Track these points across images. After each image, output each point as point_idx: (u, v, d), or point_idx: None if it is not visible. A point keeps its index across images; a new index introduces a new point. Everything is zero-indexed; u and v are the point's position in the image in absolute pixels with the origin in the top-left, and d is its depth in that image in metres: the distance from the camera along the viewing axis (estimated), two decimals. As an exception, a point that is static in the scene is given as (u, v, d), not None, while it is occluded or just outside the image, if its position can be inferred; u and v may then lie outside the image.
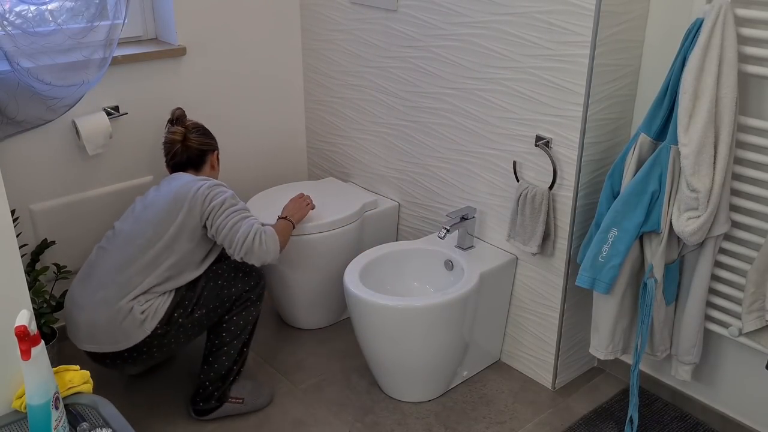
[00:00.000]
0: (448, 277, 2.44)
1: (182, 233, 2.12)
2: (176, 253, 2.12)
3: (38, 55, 2.19)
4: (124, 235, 2.16)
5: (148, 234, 2.12)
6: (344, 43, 2.79)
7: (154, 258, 2.10)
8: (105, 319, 2.06)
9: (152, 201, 2.20)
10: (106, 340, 2.07)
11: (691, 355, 2.10)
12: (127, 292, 2.07)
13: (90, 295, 2.11)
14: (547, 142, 2.16)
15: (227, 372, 2.23)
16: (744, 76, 1.88)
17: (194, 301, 2.14)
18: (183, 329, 2.13)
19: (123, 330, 2.05)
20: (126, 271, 2.09)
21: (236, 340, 2.22)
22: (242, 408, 2.30)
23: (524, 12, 2.10)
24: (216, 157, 2.40)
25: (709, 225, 1.87)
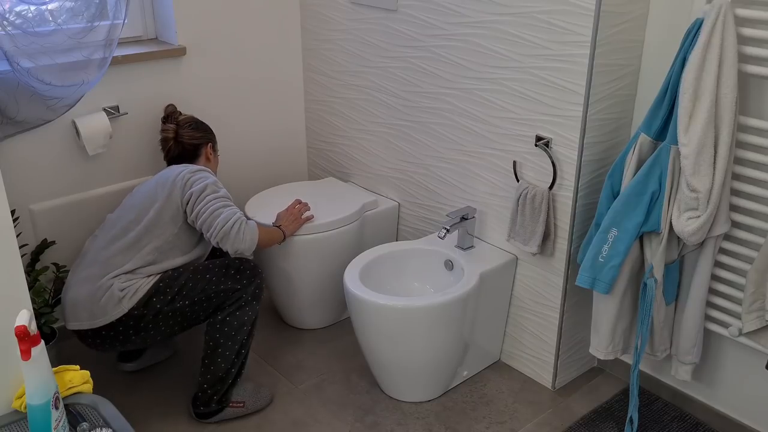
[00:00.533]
0: (448, 277, 2.44)
1: (162, 216, 2.16)
2: (158, 237, 2.15)
3: (38, 55, 2.19)
4: (111, 221, 2.24)
5: (131, 216, 2.18)
6: (344, 43, 2.79)
7: (135, 240, 2.13)
8: (85, 295, 2.09)
9: (139, 190, 2.28)
10: (85, 316, 2.09)
11: (691, 355, 2.10)
12: (109, 270, 2.10)
13: (77, 275, 2.15)
14: (547, 142, 2.16)
15: (225, 374, 2.21)
16: (744, 76, 1.88)
17: (176, 289, 2.13)
18: (162, 317, 2.12)
19: (101, 306, 2.07)
20: (109, 249, 2.14)
21: (231, 341, 2.19)
22: (244, 412, 2.29)
23: (524, 12, 2.10)
24: (210, 148, 2.42)
25: (709, 225, 1.87)
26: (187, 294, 2.14)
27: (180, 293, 2.13)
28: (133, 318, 2.09)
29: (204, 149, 2.40)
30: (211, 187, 2.18)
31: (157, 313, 2.11)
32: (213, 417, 2.26)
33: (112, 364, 2.53)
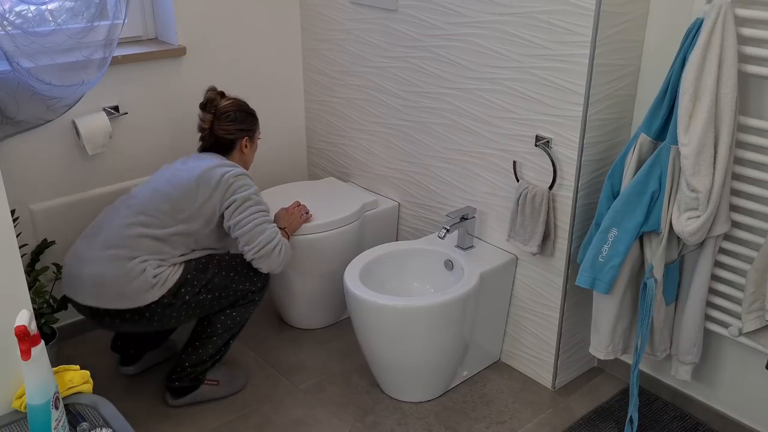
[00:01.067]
0: (448, 277, 2.44)
1: (200, 215, 2.15)
2: (192, 233, 2.16)
3: (38, 55, 2.19)
4: (139, 201, 2.17)
5: (165, 208, 2.14)
6: (344, 43, 2.79)
7: (169, 233, 2.12)
8: (114, 276, 2.06)
9: (175, 175, 2.21)
10: (112, 297, 2.07)
11: (691, 355, 2.10)
12: (138, 254, 2.08)
13: (98, 251, 2.10)
14: (547, 142, 2.16)
15: (209, 358, 2.28)
16: (744, 76, 1.88)
17: (203, 283, 2.15)
18: (186, 307, 2.14)
19: (132, 289, 2.06)
20: (136, 229, 2.10)
21: (227, 332, 2.26)
22: (218, 391, 2.33)
23: (524, 12, 2.10)
24: (247, 141, 2.34)
25: (709, 225, 1.87)
26: (212, 288, 2.16)
27: (206, 287, 2.15)
28: (161, 305, 2.10)
29: (239, 143, 2.32)
30: (254, 198, 2.18)
31: (183, 303, 2.13)
32: (187, 396, 2.29)
33: (113, 365, 2.53)
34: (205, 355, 2.26)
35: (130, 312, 2.09)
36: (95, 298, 2.09)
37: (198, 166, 2.20)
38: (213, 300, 2.18)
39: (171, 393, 2.31)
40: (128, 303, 2.07)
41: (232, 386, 2.37)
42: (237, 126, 2.30)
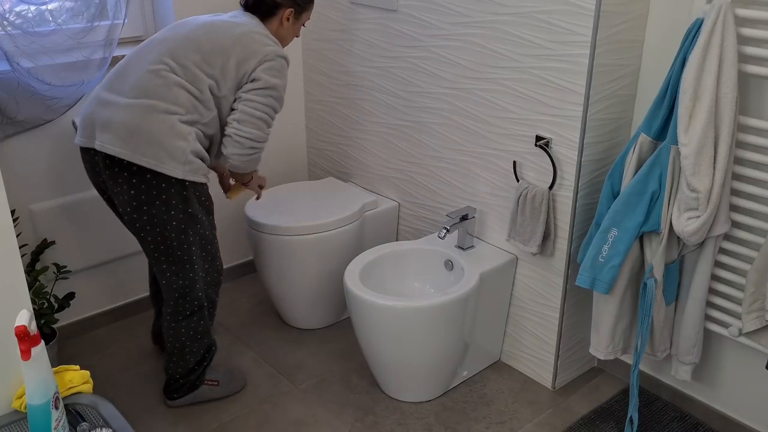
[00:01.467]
0: (448, 277, 2.44)
1: (226, 77, 2.04)
2: (218, 96, 2.05)
3: (38, 55, 2.19)
4: (167, 44, 2.03)
5: (195, 58, 2.01)
6: (344, 43, 2.79)
7: (200, 89, 2.01)
8: (150, 127, 1.92)
9: (211, 24, 2.07)
10: (144, 147, 1.92)
11: (691, 355, 2.10)
12: (178, 111, 1.96)
13: (128, 98, 1.96)
14: (547, 142, 2.16)
15: (196, 365, 2.26)
16: (744, 76, 1.88)
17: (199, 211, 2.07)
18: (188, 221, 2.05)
19: (168, 151, 1.93)
20: (173, 83, 1.97)
21: (197, 342, 2.22)
22: (218, 391, 2.33)
23: (524, 12, 2.10)
24: (292, 15, 2.21)
25: (709, 225, 1.87)
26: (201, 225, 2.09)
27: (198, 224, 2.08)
28: (175, 186, 1.98)
29: (282, 12, 2.18)
30: (277, 93, 2.09)
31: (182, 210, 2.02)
32: (186, 396, 2.28)
33: (113, 365, 2.53)
34: (191, 364, 2.24)
35: (150, 174, 1.94)
36: (124, 145, 1.91)
37: (240, 28, 2.08)
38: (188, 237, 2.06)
39: (169, 399, 2.30)
40: (160, 163, 1.93)
41: (232, 386, 2.37)
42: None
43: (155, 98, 1.95)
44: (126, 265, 2.75)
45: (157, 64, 1.99)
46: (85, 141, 2.01)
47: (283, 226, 2.51)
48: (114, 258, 2.69)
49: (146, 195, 1.98)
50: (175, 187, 1.99)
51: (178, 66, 2.00)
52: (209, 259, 2.17)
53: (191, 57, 2.01)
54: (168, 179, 1.97)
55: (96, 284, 2.69)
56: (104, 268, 2.70)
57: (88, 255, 2.62)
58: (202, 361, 2.27)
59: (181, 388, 2.28)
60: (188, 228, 2.06)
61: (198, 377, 2.29)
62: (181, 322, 2.18)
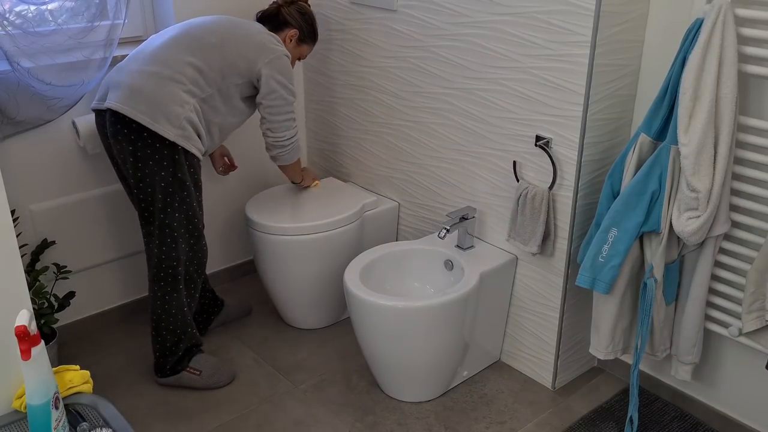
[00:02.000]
0: (448, 277, 2.44)
1: (233, 70, 2.23)
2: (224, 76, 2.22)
3: (38, 55, 2.19)
4: (187, 27, 2.25)
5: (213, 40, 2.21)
6: (344, 43, 2.79)
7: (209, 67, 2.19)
8: (151, 89, 2.10)
9: (231, 20, 2.32)
10: (142, 106, 2.09)
11: (691, 355, 2.10)
12: (181, 81, 2.14)
13: (140, 65, 2.15)
14: (547, 142, 2.16)
15: (173, 345, 2.33)
16: (744, 76, 1.88)
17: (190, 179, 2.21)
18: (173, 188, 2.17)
19: (165, 113, 2.10)
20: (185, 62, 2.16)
21: (172, 318, 2.30)
22: (198, 380, 2.38)
23: (524, 12, 2.10)
24: (296, 38, 2.49)
25: (709, 225, 1.87)
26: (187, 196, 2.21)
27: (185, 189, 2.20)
28: (167, 148, 2.13)
29: (288, 31, 2.47)
30: (290, 88, 2.33)
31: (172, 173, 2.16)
32: (170, 377, 2.38)
33: (113, 365, 2.53)
34: (168, 343, 2.32)
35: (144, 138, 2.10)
36: (127, 102, 2.10)
37: (253, 28, 2.31)
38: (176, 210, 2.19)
39: (157, 373, 2.40)
40: (155, 122, 2.09)
41: (213, 380, 2.40)
42: (300, 20, 2.48)
43: (163, 66, 2.14)
44: (126, 265, 2.75)
45: (171, 41, 2.20)
46: (98, 103, 2.20)
47: (283, 226, 2.51)
48: (114, 258, 2.70)
49: (142, 152, 2.12)
50: (168, 149, 2.13)
51: (191, 45, 2.19)
52: (195, 235, 2.27)
53: (208, 39, 2.22)
54: (162, 140, 2.12)
55: (96, 284, 2.69)
56: (104, 268, 2.70)
57: (88, 255, 2.62)
58: (177, 344, 2.33)
59: (164, 370, 2.37)
60: (175, 193, 2.18)
61: (178, 362, 2.36)
62: (156, 292, 2.28)
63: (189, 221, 2.24)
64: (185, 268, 2.29)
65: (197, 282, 2.35)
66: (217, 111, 2.26)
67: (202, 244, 2.31)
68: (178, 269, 2.26)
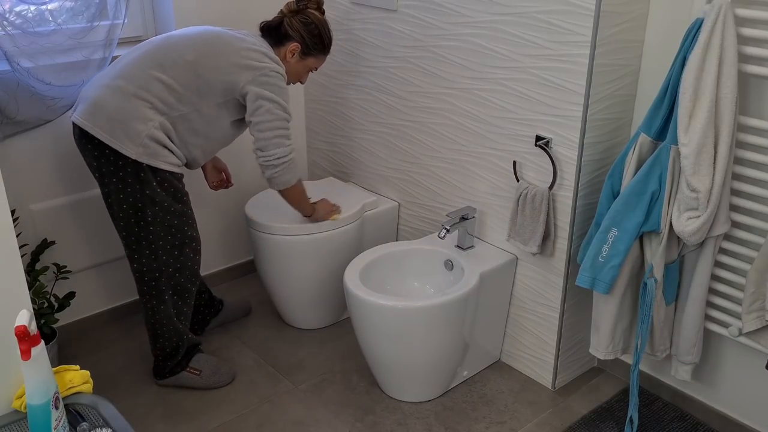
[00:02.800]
0: (448, 277, 2.44)
1: (210, 89, 2.12)
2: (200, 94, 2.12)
3: (38, 55, 2.19)
4: (167, 40, 2.15)
5: (188, 58, 2.10)
6: (344, 43, 2.79)
7: (180, 85, 2.09)
8: (114, 104, 2.04)
9: (216, 33, 2.18)
10: (103, 123, 2.04)
11: (691, 355, 2.10)
12: (145, 96, 2.05)
13: (108, 79, 2.09)
14: (547, 142, 2.16)
15: (173, 351, 2.33)
16: (744, 76, 1.88)
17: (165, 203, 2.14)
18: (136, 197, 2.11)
19: (125, 128, 2.04)
20: (151, 77, 2.07)
21: (171, 324, 2.29)
22: (198, 380, 2.38)
23: (524, 12, 2.10)
24: (298, 51, 2.30)
25: (709, 225, 1.87)
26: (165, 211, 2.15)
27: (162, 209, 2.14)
28: (130, 166, 2.06)
29: (289, 44, 2.27)
30: (281, 104, 2.18)
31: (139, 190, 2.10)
32: (169, 378, 2.38)
33: (113, 365, 2.53)
34: (167, 349, 2.32)
35: (106, 155, 2.06)
36: (88, 117, 2.05)
37: (246, 42, 2.17)
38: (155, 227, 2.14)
39: (156, 376, 2.40)
40: (114, 140, 2.03)
41: (213, 380, 2.40)
42: (302, 31, 2.28)
43: (129, 81, 2.07)
44: (126, 265, 2.74)
45: (145, 55, 2.11)
46: (72, 116, 2.14)
47: (283, 226, 2.51)
48: (114, 258, 2.70)
49: (105, 168, 2.10)
50: (131, 167, 2.07)
51: (163, 61, 2.09)
52: (177, 245, 2.21)
53: (184, 56, 2.11)
54: (124, 158, 2.06)
55: (96, 284, 2.69)
56: (104, 268, 2.70)
57: (88, 255, 2.62)
58: (177, 349, 2.33)
59: (163, 370, 2.37)
60: (146, 208, 2.12)
61: (177, 365, 2.36)
62: (145, 304, 2.29)
63: (167, 233, 2.18)
64: (172, 279, 2.25)
65: (190, 290, 2.31)
66: (195, 132, 2.17)
67: (188, 252, 2.24)
68: (161, 281, 2.22)
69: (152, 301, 2.26)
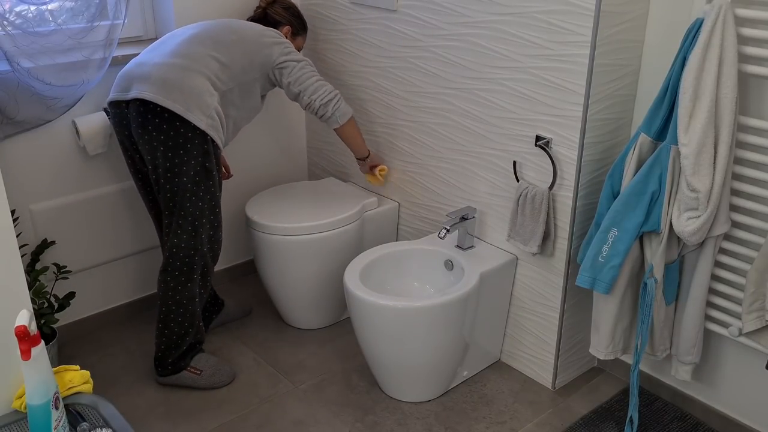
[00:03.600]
0: (448, 277, 2.44)
1: (253, 65, 2.31)
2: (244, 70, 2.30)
3: (38, 55, 2.19)
4: (205, 26, 2.32)
5: (232, 38, 2.29)
6: (344, 43, 2.79)
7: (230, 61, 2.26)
8: (180, 79, 2.15)
9: (239, 21, 2.40)
10: (176, 93, 2.13)
11: (691, 355, 2.10)
12: (205, 73, 2.20)
13: (165, 57, 2.20)
14: (547, 142, 2.16)
15: (179, 338, 2.33)
16: (744, 76, 1.88)
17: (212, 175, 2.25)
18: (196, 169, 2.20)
19: (197, 102, 2.15)
20: (206, 54, 2.23)
21: (183, 308, 2.30)
22: (198, 380, 2.38)
23: (524, 12, 2.10)
24: (290, 33, 2.55)
25: (709, 225, 1.87)
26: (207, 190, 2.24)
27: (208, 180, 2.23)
28: (198, 137, 2.17)
29: (282, 29, 2.53)
30: (304, 63, 2.39)
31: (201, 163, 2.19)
32: (169, 377, 2.38)
33: (113, 365, 2.53)
34: (174, 335, 2.32)
35: (176, 127, 2.13)
36: (160, 92, 2.12)
37: (258, 27, 2.38)
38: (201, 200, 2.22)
39: (157, 370, 2.40)
40: (189, 111, 2.13)
41: (213, 380, 2.40)
42: (287, 15, 2.56)
43: (189, 60, 2.20)
44: (126, 264, 2.75)
45: (194, 37, 2.26)
46: (120, 95, 2.20)
47: (283, 226, 2.51)
48: (114, 258, 2.70)
49: (173, 141, 2.15)
50: (199, 138, 2.17)
51: (213, 41, 2.26)
52: (215, 225, 2.30)
53: (227, 36, 2.29)
54: (193, 129, 2.15)
55: (96, 284, 2.70)
56: (104, 268, 2.70)
57: (88, 255, 2.62)
58: (184, 337, 2.32)
59: (166, 366, 2.37)
60: (201, 182, 2.21)
61: (180, 358, 2.36)
62: (169, 282, 2.28)
63: (211, 211, 2.27)
64: (203, 259, 2.30)
65: (212, 272, 2.38)
66: (234, 105, 2.31)
67: (219, 235, 2.34)
68: (195, 259, 2.27)
69: (181, 278, 2.27)
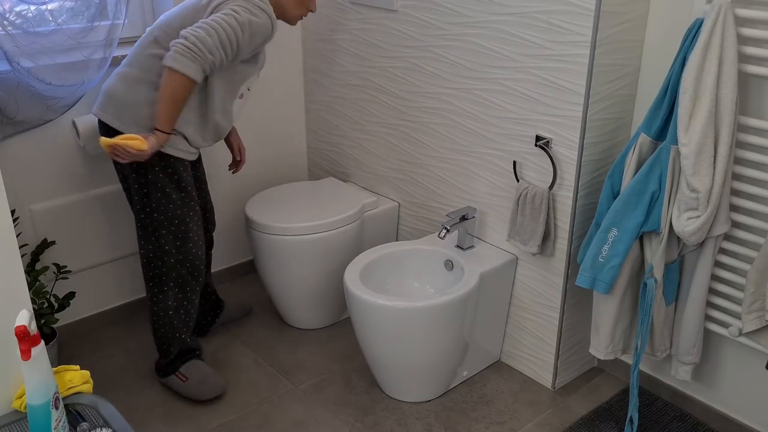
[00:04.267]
0: (448, 277, 2.44)
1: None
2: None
3: (38, 55, 2.19)
4: (152, 28, 2.16)
5: (175, 25, 2.08)
6: (344, 43, 2.79)
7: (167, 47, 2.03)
8: (122, 91, 2.10)
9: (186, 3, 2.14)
10: (111, 111, 2.11)
11: (691, 355, 2.10)
12: (148, 77, 2.08)
13: (121, 67, 2.16)
14: (547, 142, 2.16)
15: (166, 345, 2.33)
16: (744, 76, 1.88)
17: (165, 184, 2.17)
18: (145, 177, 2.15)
19: (132, 114, 2.09)
20: (150, 54, 2.09)
21: (160, 321, 2.30)
22: (182, 387, 2.35)
23: (524, 12, 2.10)
24: None
25: (709, 225, 1.87)
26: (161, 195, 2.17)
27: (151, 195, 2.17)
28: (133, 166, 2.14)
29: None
30: (239, 19, 1.99)
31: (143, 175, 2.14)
32: (163, 378, 2.39)
33: (113, 365, 2.53)
34: (161, 343, 2.33)
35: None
36: (99, 106, 2.13)
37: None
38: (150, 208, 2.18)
39: (155, 370, 2.41)
40: (122, 123, 2.09)
41: (197, 391, 2.33)
42: None
43: (132, 66, 2.12)
44: (126, 265, 2.75)
45: (146, 37, 2.15)
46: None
47: (283, 226, 2.51)
48: (114, 258, 2.70)
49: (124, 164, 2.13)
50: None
51: (162, 33, 2.10)
52: (180, 237, 2.23)
53: (173, 24, 2.09)
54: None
55: (96, 284, 2.70)
56: (104, 268, 2.70)
57: (88, 255, 2.62)
58: (168, 346, 2.32)
59: (159, 368, 2.39)
60: (150, 194, 2.17)
61: (170, 363, 2.36)
62: (147, 292, 2.31)
63: (170, 223, 2.19)
64: (174, 270, 2.24)
65: (191, 285, 2.28)
66: (209, 96, 2.11)
67: (190, 247, 2.23)
68: (163, 269, 2.24)
69: (154, 289, 2.28)
